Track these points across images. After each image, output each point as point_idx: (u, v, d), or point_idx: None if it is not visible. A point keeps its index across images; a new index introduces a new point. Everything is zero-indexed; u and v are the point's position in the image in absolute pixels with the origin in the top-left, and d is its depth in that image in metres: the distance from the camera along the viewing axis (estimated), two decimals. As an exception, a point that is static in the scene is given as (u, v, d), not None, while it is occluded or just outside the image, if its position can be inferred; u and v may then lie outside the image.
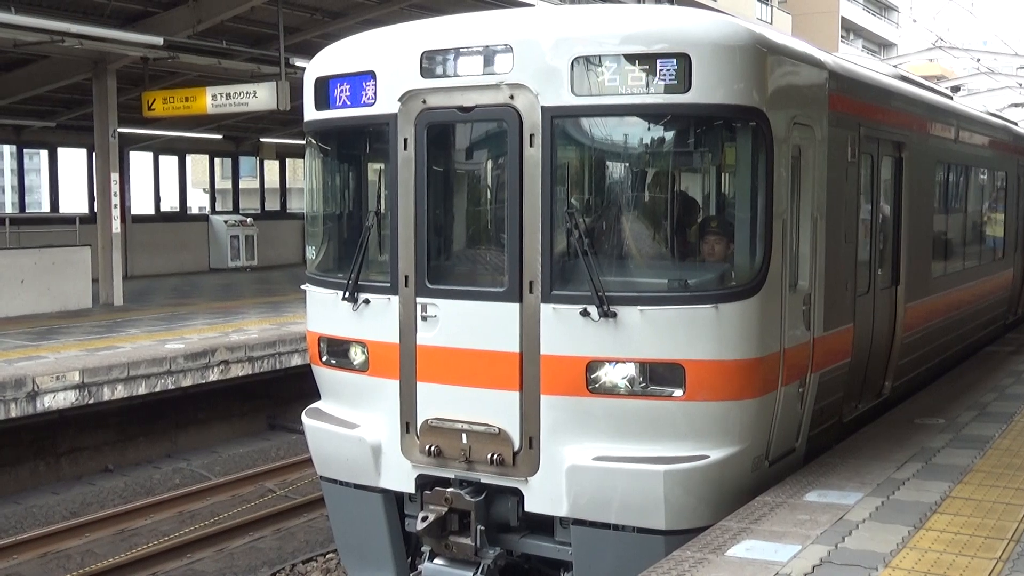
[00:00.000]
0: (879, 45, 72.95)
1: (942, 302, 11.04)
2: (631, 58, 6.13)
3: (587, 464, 6.30)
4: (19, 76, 20.33)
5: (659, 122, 6.42)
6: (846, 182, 7.89)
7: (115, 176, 18.62)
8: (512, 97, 6.36)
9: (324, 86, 7.22)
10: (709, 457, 6.28)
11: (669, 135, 6.54)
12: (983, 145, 13.12)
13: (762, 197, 6.37)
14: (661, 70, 6.08)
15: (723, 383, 6.26)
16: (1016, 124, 17.37)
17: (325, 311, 7.36)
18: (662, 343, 6.22)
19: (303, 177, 8.06)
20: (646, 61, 6.11)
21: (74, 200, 27.14)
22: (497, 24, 6.70)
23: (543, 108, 6.28)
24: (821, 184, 7.28)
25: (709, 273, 6.55)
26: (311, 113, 7.41)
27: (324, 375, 7.59)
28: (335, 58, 7.30)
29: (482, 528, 6.55)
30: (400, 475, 6.93)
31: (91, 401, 12.17)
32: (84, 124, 22.76)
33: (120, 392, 12.49)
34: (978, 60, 35.44)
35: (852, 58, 9.63)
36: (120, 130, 18.82)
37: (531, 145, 6.33)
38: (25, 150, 27.04)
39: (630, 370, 6.27)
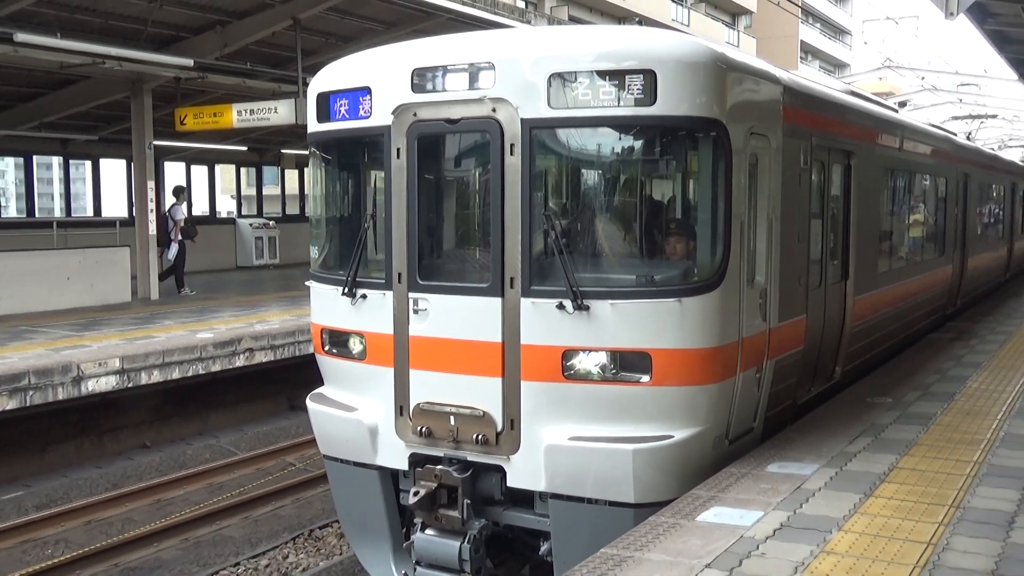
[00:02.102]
0: (834, 65, 73.00)
1: (888, 295, 10.96)
2: (602, 74, 6.03)
3: (563, 444, 6.21)
4: (65, 95, 20.29)
5: (628, 132, 6.28)
6: (799, 187, 7.74)
7: (151, 184, 18.58)
8: (494, 110, 6.25)
9: (325, 101, 7.11)
10: (674, 437, 6.19)
11: (637, 144, 6.37)
12: (925, 154, 13.02)
13: (722, 201, 6.26)
14: (630, 85, 5.96)
15: (686, 370, 6.16)
16: (956, 135, 17.30)
17: (327, 305, 7.25)
18: (631, 333, 6.11)
19: (308, 183, 7.95)
20: (616, 77, 6.00)
21: (115, 205, 27.05)
22: (481, 44, 6.54)
23: (522, 120, 6.16)
24: (776, 189, 7.16)
25: (674, 270, 6.40)
26: (313, 125, 7.30)
27: (326, 363, 7.48)
28: (335, 75, 7.16)
29: (468, 502, 6.48)
30: (395, 454, 6.85)
31: (130, 385, 12.16)
32: (123, 137, 22.64)
33: (156, 377, 12.48)
34: (923, 78, 35.51)
35: (807, 75, 9.57)
36: (155, 143, 18.76)
37: (512, 154, 6.21)
38: (71, 161, 26.94)
39: (602, 358, 6.16)
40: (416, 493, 6.48)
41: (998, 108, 35.83)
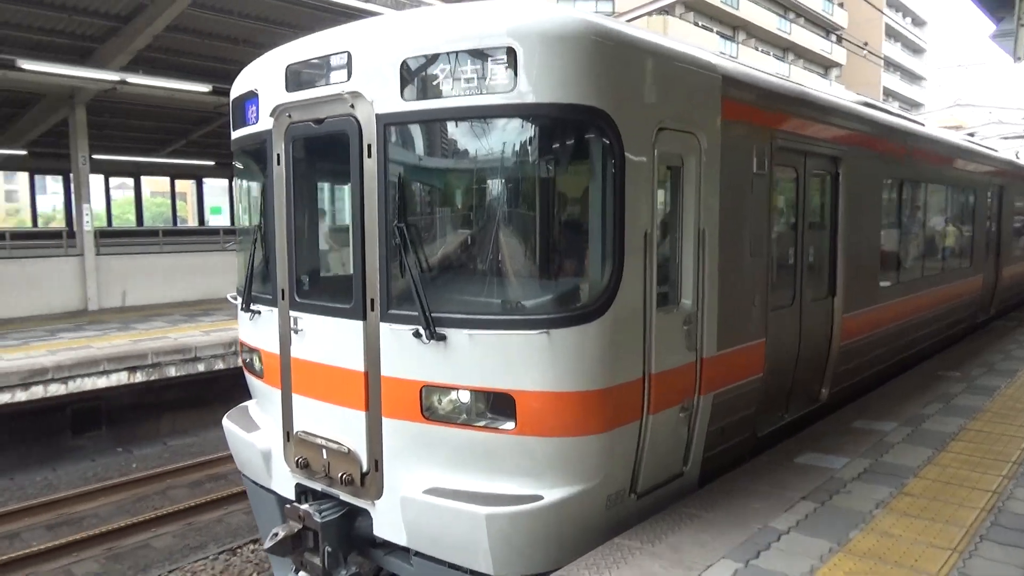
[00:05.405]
0: (910, 105, 67.44)
1: (892, 310, 8.14)
2: (457, 56, 4.04)
3: (415, 496, 4.25)
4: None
5: (488, 125, 4.06)
6: (751, 194, 5.42)
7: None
8: (353, 107, 4.37)
9: (238, 106, 5.28)
10: (543, 499, 4.08)
11: (501, 141, 4.07)
12: (945, 164, 9.95)
13: (611, 209, 4.12)
14: (487, 67, 3.96)
15: (558, 417, 4.05)
16: (995, 151, 13.60)
17: (240, 319, 5.49)
18: (492, 371, 4.04)
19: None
20: (472, 58, 4.01)
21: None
22: (343, 34, 4.62)
23: (377, 116, 4.27)
24: (712, 195, 4.94)
25: (545, 294, 4.11)
26: (232, 133, 5.50)
27: (246, 377, 5.70)
28: (242, 80, 5.32)
29: (330, 549, 4.62)
30: (284, 480, 5.06)
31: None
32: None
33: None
34: (990, 112, 32.25)
35: (786, 74, 7.16)
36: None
37: (369, 156, 4.30)
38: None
39: (462, 398, 4.14)
40: (274, 535, 4.66)
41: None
